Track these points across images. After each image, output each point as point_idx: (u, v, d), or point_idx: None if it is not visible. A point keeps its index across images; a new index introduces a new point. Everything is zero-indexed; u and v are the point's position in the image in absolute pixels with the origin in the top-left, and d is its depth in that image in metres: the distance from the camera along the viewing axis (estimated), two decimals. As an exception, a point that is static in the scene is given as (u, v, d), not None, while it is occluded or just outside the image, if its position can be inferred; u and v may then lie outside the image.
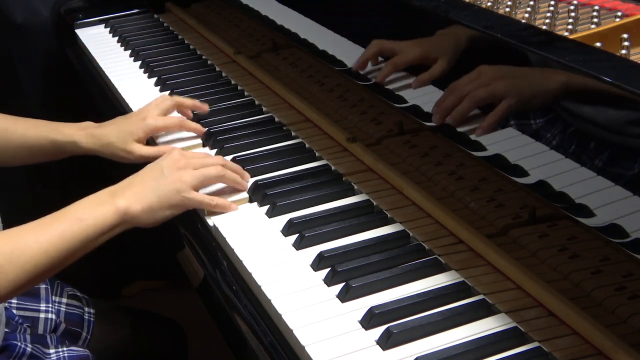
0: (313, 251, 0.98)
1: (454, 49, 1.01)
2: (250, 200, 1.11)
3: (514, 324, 0.85)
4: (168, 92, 1.45)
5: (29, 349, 1.11)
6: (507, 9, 1.05)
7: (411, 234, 1.00)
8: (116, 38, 1.77)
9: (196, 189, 1.07)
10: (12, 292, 0.94)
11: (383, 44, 1.14)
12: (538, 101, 0.92)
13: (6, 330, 1.12)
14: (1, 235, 0.96)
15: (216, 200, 1.07)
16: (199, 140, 1.29)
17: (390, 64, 1.11)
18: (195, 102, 1.33)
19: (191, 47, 1.69)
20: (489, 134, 0.97)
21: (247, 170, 1.16)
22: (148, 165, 1.09)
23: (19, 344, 1.11)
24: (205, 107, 1.34)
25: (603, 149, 0.82)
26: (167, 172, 1.06)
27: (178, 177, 1.05)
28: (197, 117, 1.34)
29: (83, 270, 2.17)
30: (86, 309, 1.30)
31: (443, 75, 1.03)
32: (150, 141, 1.30)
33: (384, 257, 0.96)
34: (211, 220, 1.07)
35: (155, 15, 1.91)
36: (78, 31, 1.83)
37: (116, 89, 1.51)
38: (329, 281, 0.93)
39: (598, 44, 0.90)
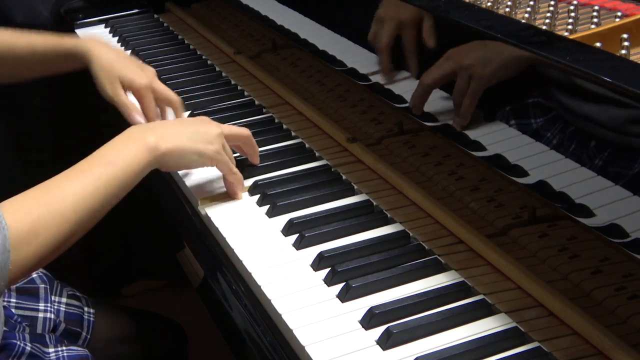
0: (313, 251, 0.98)
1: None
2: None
3: (514, 324, 0.85)
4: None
5: (28, 348, 1.11)
6: (507, 9, 1.05)
7: (411, 234, 1.00)
8: (116, 38, 1.77)
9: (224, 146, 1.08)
10: (61, 244, 0.90)
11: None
12: (503, 73, 0.93)
13: (5, 329, 1.12)
14: (34, 188, 0.92)
15: (237, 172, 1.09)
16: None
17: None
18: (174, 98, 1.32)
19: (191, 47, 1.69)
20: (469, 121, 0.99)
21: (248, 170, 1.16)
22: (178, 118, 1.10)
23: (18, 342, 1.11)
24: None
25: (603, 149, 0.83)
26: (200, 122, 1.07)
27: (211, 127, 1.07)
28: (192, 108, 1.34)
29: (83, 270, 2.18)
30: (86, 309, 1.30)
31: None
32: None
33: (384, 257, 0.96)
34: (211, 220, 1.07)
35: (155, 15, 1.91)
36: (78, 31, 1.83)
37: (116, 89, 1.51)
38: (329, 281, 0.93)
39: (598, 44, 0.90)
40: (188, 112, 1.36)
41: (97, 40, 1.28)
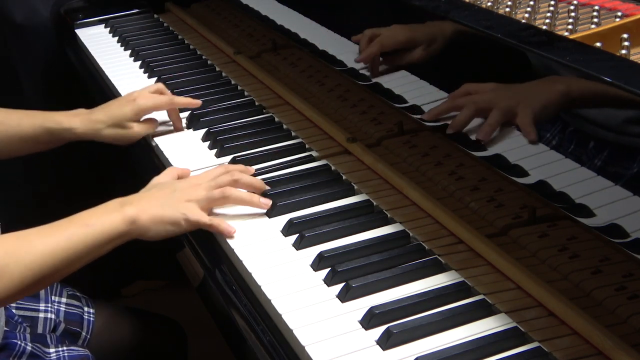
0: (313, 251, 0.98)
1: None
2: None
3: (514, 324, 0.85)
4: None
5: (29, 348, 1.12)
6: (507, 9, 1.05)
7: (411, 234, 1.00)
8: (116, 38, 1.77)
9: (204, 210, 1.05)
10: (18, 293, 0.93)
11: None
12: (544, 113, 0.92)
13: (6, 329, 1.12)
14: (8, 236, 0.96)
15: (214, 220, 1.04)
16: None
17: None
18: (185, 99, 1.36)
19: (191, 47, 1.69)
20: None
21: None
22: (162, 182, 1.10)
23: (19, 342, 1.11)
24: (197, 102, 1.36)
25: (603, 149, 0.82)
26: (179, 190, 1.05)
27: (186, 195, 1.04)
28: (198, 114, 1.34)
29: (83, 270, 2.17)
30: (86, 309, 1.30)
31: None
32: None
33: (384, 257, 0.96)
34: (211, 220, 1.07)
35: (155, 15, 1.91)
36: (78, 31, 1.83)
37: (116, 89, 1.51)
38: (329, 281, 0.93)
39: (598, 44, 0.90)
40: (187, 113, 1.36)
41: (76, 114, 1.30)
